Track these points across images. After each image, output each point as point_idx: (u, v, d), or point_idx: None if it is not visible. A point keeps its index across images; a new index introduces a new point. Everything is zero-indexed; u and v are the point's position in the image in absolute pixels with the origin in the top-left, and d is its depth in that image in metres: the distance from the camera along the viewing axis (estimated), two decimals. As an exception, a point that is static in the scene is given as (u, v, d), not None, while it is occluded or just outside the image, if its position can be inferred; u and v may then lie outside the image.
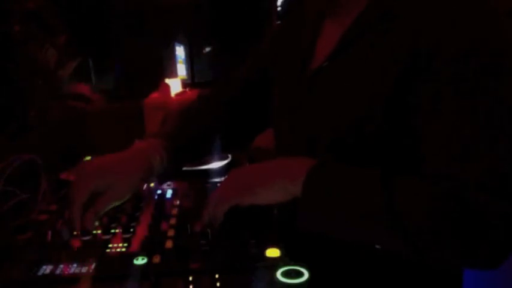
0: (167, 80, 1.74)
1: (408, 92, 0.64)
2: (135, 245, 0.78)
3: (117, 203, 0.75)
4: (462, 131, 0.60)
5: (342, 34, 0.72)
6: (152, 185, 1.09)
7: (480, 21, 0.61)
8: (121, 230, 0.82)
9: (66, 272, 0.70)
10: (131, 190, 0.76)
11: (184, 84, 2.00)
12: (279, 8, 2.26)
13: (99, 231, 0.82)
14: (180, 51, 2.51)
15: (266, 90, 0.93)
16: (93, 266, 0.71)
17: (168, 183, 1.11)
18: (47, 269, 0.71)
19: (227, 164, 1.19)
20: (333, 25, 0.76)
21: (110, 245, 0.78)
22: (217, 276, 0.67)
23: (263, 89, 0.94)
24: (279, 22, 2.35)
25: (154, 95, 1.72)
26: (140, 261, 0.72)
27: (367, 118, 0.67)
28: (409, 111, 0.64)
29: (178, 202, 0.96)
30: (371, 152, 0.69)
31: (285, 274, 0.67)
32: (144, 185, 0.82)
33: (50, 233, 0.80)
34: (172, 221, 0.86)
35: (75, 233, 0.77)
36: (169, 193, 1.02)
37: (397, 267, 0.73)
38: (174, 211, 0.92)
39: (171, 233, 0.82)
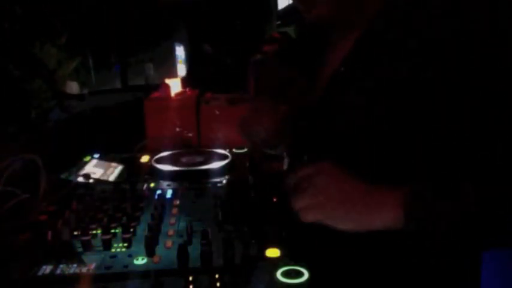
0: (167, 80, 1.74)
1: (420, 93, 0.65)
2: (135, 245, 0.78)
3: None
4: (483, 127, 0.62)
5: (355, 41, 0.75)
6: (152, 185, 1.09)
7: (490, 14, 0.62)
8: (121, 230, 0.82)
9: (66, 272, 0.70)
10: None
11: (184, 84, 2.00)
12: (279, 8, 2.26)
13: (99, 231, 0.82)
14: (180, 51, 2.51)
15: None
16: (93, 266, 0.71)
17: (168, 183, 1.11)
18: (47, 269, 0.71)
19: (227, 164, 1.19)
20: (345, 33, 0.78)
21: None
22: (217, 276, 0.67)
23: None
24: (279, 22, 2.36)
25: (155, 95, 1.72)
26: (140, 261, 0.72)
27: (379, 120, 0.68)
28: (420, 110, 0.65)
29: (178, 202, 0.96)
30: (384, 153, 0.69)
31: (285, 274, 0.67)
32: None
33: (50, 233, 0.80)
34: (172, 221, 0.87)
35: None
36: (169, 193, 1.03)
37: (398, 267, 0.73)
38: (174, 211, 0.92)
39: (171, 233, 0.82)
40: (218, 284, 0.66)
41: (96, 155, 1.31)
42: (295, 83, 0.88)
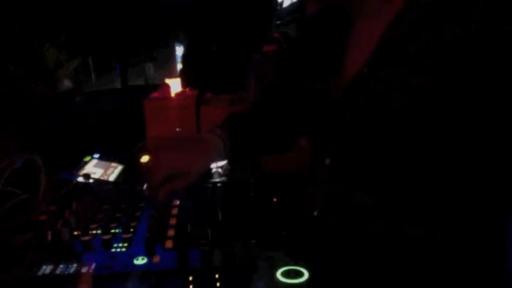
0: (167, 80, 1.74)
1: (442, 103, 0.64)
2: (135, 245, 0.78)
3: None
4: None
5: (380, 40, 0.71)
6: (152, 185, 1.09)
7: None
8: (121, 230, 0.82)
9: (66, 272, 0.70)
10: (204, 171, 0.84)
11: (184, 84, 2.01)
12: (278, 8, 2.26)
13: (99, 231, 0.82)
14: (180, 51, 2.50)
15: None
16: (93, 266, 0.71)
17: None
18: (47, 269, 0.71)
19: (227, 164, 1.19)
20: (364, 29, 0.75)
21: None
22: (217, 276, 0.67)
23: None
24: (278, 22, 2.35)
25: (155, 95, 1.72)
26: (140, 261, 0.72)
27: (401, 125, 0.68)
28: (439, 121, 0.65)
29: (178, 202, 0.96)
30: (403, 158, 0.69)
31: (285, 274, 0.67)
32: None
33: (50, 233, 0.80)
34: (172, 221, 0.87)
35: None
36: (169, 193, 1.02)
37: (398, 268, 0.73)
38: (174, 211, 0.92)
39: (171, 233, 0.82)
40: (218, 284, 0.66)
41: (96, 155, 1.31)
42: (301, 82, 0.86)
